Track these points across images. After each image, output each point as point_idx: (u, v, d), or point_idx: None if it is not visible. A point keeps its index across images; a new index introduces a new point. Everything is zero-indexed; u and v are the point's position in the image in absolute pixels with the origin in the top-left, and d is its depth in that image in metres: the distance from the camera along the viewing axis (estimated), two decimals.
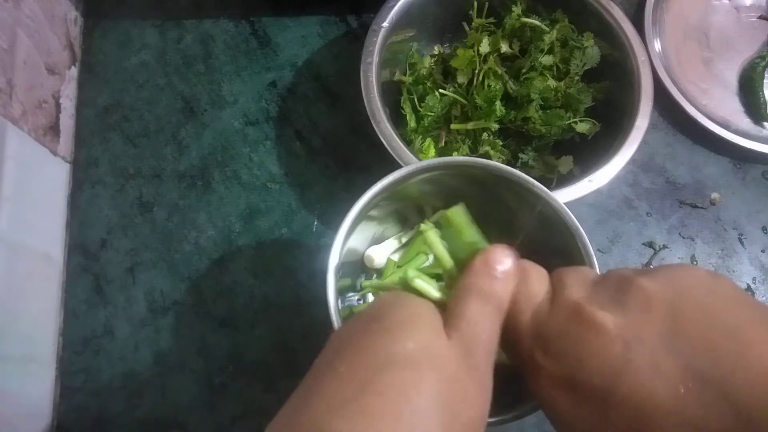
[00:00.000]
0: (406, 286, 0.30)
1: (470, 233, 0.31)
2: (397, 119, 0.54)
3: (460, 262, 0.30)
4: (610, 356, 0.23)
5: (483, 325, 0.25)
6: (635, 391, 0.22)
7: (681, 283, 0.24)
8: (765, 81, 0.61)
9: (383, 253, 0.46)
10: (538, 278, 0.28)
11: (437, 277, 0.31)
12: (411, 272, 0.30)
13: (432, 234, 0.32)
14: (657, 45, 0.61)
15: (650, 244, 0.56)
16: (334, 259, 0.37)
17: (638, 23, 0.60)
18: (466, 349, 0.24)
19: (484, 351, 0.25)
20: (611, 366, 0.23)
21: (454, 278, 0.29)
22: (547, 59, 0.53)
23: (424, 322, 0.25)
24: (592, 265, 0.38)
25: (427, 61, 0.56)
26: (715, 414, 0.20)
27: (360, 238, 0.45)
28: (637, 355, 0.23)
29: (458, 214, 0.32)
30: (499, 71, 0.53)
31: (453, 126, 0.54)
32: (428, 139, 0.53)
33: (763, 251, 0.56)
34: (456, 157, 0.41)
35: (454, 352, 0.24)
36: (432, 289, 0.29)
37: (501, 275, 0.27)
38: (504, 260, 0.27)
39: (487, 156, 0.52)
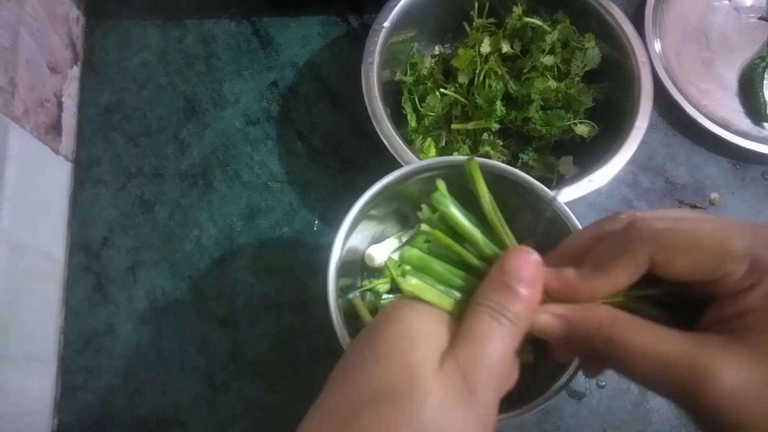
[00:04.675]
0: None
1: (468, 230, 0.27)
2: (398, 119, 0.54)
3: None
4: None
5: (492, 344, 0.23)
6: None
7: None
8: (765, 81, 0.61)
9: (383, 252, 0.46)
10: None
11: (466, 267, 0.27)
12: (409, 284, 0.26)
13: (452, 212, 0.28)
14: (657, 46, 0.61)
15: None
16: (334, 258, 0.37)
17: (638, 24, 0.60)
18: (464, 373, 0.22)
19: (488, 373, 0.23)
20: None
21: (490, 259, 0.26)
22: (548, 59, 0.53)
23: (418, 347, 0.23)
24: None
25: (428, 61, 0.56)
26: None
27: (360, 237, 0.45)
28: None
29: (458, 220, 0.28)
30: (500, 71, 0.53)
31: (453, 126, 0.54)
32: (429, 139, 0.54)
33: None
34: (456, 157, 0.41)
35: (446, 377, 0.22)
36: (442, 297, 0.26)
37: (520, 287, 0.24)
38: (523, 268, 0.24)
39: (487, 156, 0.53)
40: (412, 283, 0.26)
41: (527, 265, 0.25)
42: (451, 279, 0.27)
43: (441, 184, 0.29)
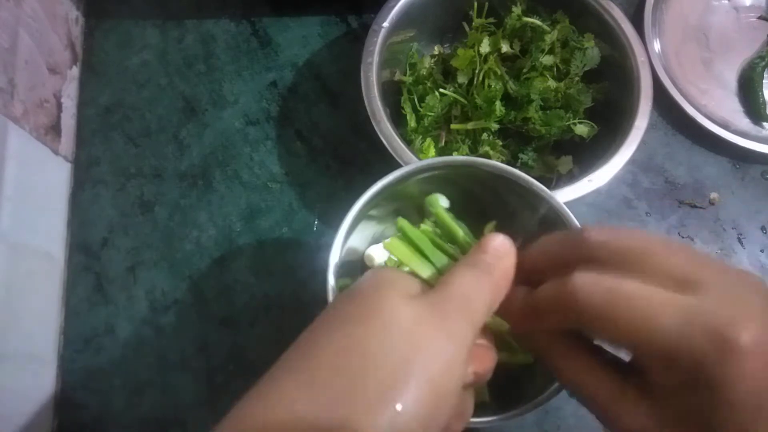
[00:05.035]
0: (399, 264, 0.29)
1: (459, 232, 0.32)
2: (398, 119, 0.54)
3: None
4: None
5: (465, 288, 0.25)
6: None
7: None
8: (764, 81, 0.61)
9: (383, 252, 0.46)
10: None
11: (450, 256, 0.30)
12: (393, 245, 0.29)
13: (441, 209, 0.32)
14: (656, 45, 0.61)
15: None
16: (334, 258, 0.37)
17: (638, 24, 0.60)
18: (434, 305, 0.24)
19: (459, 307, 0.24)
20: None
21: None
22: (547, 59, 0.53)
23: (387, 287, 0.25)
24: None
25: (427, 61, 0.56)
26: None
27: (360, 238, 0.45)
28: None
29: (443, 216, 0.32)
30: (500, 71, 0.53)
31: (453, 126, 0.54)
32: (428, 139, 0.54)
33: (762, 251, 0.57)
34: (456, 157, 0.41)
35: (416, 308, 0.23)
36: (421, 265, 0.28)
37: (495, 251, 0.26)
38: (500, 241, 0.27)
39: (487, 156, 0.53)
40: (396, 244, 0.29)
41: (502, 242, 0.27)
42: (434, 256, 0.29)
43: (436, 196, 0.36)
